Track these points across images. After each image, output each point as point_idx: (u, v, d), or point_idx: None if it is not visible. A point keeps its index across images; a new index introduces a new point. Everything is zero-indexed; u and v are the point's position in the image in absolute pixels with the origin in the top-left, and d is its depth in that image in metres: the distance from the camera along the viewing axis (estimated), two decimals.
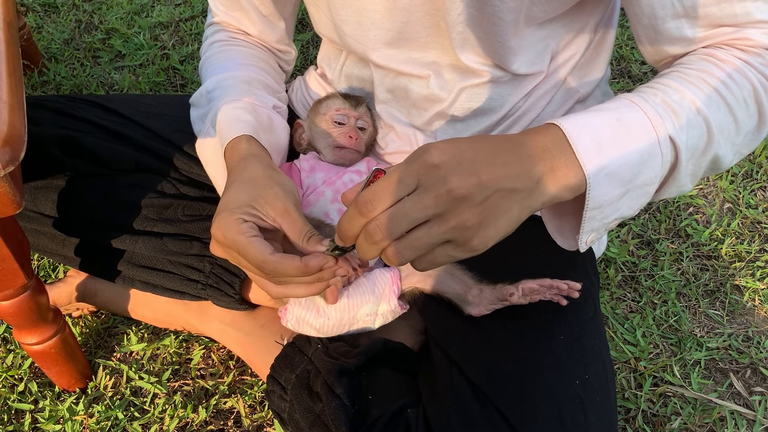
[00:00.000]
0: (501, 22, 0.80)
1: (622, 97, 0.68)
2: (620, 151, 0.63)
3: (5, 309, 0.91)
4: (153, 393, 1.09)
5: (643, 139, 0.64)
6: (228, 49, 0.99)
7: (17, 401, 1.08)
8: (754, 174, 1.51)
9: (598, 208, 0.64)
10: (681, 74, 0.70)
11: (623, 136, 0.63)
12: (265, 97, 0.93)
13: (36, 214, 1.00)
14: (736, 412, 1.10)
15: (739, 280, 1.29)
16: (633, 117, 0.64)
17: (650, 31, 0.75)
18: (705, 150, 0.68)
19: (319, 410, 0.83)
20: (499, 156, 0.60)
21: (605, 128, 0.63)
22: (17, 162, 0.70)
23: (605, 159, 0.62)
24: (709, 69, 0.70)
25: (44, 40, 1.82)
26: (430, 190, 0.57)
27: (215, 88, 0.92)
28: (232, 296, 0.99)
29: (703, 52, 0.73)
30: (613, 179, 0.63)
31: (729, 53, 0.71)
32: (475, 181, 0.58)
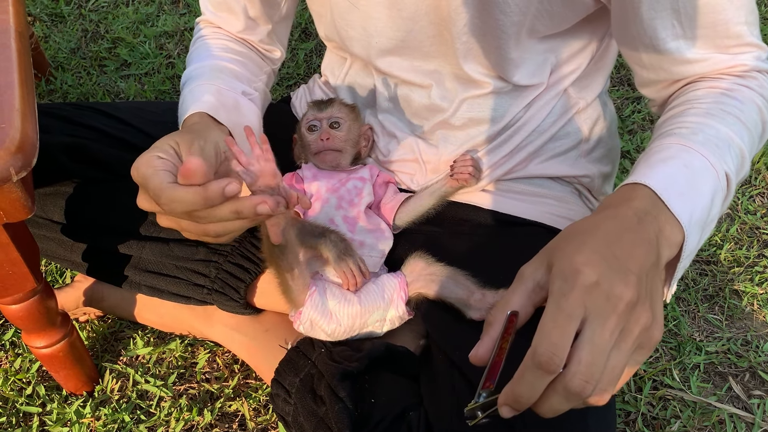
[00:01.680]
0: (503, 35, 0.82)
1: (666, 142, 0.70)
2: (697, 196, 0.65)
3: (15, 312, 0.93)
4: (159, 396, 1.11)
5: (709, 179, 0.67)
6: (206, 43, 1.01)
7: (25, 404, 1.10)
8: (752, 180, 1.52)
9: (689, 256, 0.66)
10: (702, 110, 0.74)
11: (694, 180, 0.66)
12: (233, 83, 0.93)
13: (44, 220, 1.02)
14: (735, 416, 1.11)
15: (738, 285, 1.31)
16: (694, 160, 0.67)
17: (652, 51, 0.78)
18: (739, 174, 0.73)
19: (322, 413, 0.84)
20: (625, 239, 0.58)
21: (680, 177, 0.65)
22: (29, 168, 0.72)
23: (690, 207, 0.64)
24: (723, 100, 0.74)
25: (51, 49, 1.84)
26: (608, 312, 0.53)
27: (188, 79, 0.93)
28: (237, 301, 1.01)
29: (707, 86, 0.77)
30: (698, 225, 0.65)
31: (731, 82, 0.76)
32: (634, 280, 0.55)
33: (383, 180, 1.00)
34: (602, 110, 0.98)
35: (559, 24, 0.83)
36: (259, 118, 0.95)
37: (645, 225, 0.60)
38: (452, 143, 0.96)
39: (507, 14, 0.79)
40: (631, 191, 0.64)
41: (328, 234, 0.90)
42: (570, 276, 0.54)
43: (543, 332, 0.54)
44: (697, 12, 0.74)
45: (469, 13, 0.81)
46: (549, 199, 0.98)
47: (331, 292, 0.91)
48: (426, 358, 0.92)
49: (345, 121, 0.99)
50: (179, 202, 0.63)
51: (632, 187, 0.64)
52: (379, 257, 0.95)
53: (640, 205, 0.62)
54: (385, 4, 0.85)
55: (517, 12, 0.79)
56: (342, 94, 1.06)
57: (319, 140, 0.98)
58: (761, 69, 0.78)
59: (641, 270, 0.56)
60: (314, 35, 1.91)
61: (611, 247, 0.56)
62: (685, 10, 0.74)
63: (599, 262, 0.54)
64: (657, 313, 0.57)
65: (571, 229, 0.61)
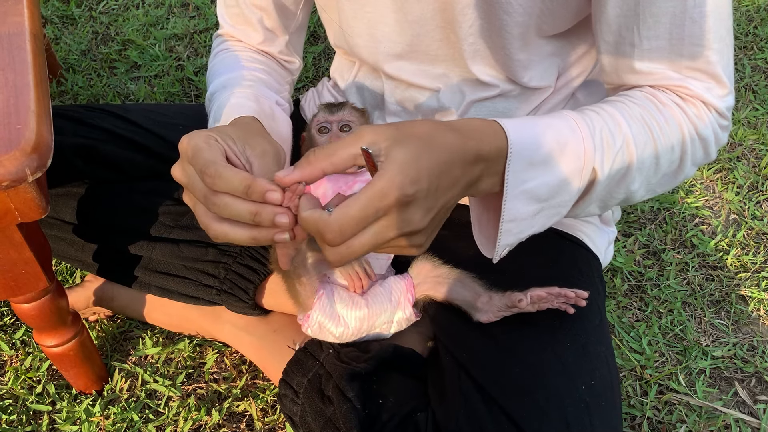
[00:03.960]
0: (508, 35, 0.82)
1: (567, 112, 0.71)
2: (545, 172, 0.66)
3: (27, 311, 0.94)
4: (167, 396, 1.12)
5: (571, 164, 0.67)
6: (231, 55, 1.01)
7: (35, 402, 1.11)
8: (759, 186, 1.52)
9: (513, 221, 0.67)
10: (625, 106, 0.73)
11: (555, 158, 0.66)
12: (266, 92, 0.94)
13: (56, 220, 1.03)
14: (741, 421, 1.11)
15: (744, 291, 1.31)
16: (571, 141, 0.67)
17: (612, 53, 0.77)
18: (619, 182, 0.72)
19: (330, 413, 0.85)
20: (453, 172, 0.61)
21: (544, 147, 0.66)
22: (44, 169, 0.73)
23: (532, 178, 0.65)
24: (650, 109, 0.73)
25: (62, 51, 1.85)
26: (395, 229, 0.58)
27: (219, 88, 0.93)
28: (246, 302, 1.02)
29: (648, 91, 0.76)
30: (530, 196, 0.66)
31: (669, 98, 0.75)
32: (433, 214, 0.60)
33: None
34: None
35: (561, 23, 0.84)
36: (291, 128, 0.95)
37: (476, 166, 0.63)
38: None
39: (511, 15, 0.80)
40: (493, 132, 0.65)
41: None
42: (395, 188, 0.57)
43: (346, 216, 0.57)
44: (658, 21, 0.71)
45: (474, 14, 0.81)
46: None
47: (339, 295, 0.92)
48: (433, 360, 0.93)
49: (355, 125, 1.00)
50: (223, 180, 0.61)
51: (499, 130, 0.65)
52: (385, 259, 0.96)
53: (486, 149, 0.63)
54: (392, 8, 0.86)
55: (521, 12, 0.80)
56: (351, 97, 1.06)
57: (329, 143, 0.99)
58: (707, 101, 0.74)
59: (443, 208, 0.61)
60: (322, 39, 1.92)
61: (441, 177, 0.59)
62: (645, 17, 0.71)
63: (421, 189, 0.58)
64: (429, 241, 0.63)
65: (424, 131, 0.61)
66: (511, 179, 0.65)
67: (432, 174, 0.59)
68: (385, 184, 0.57)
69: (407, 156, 0.58)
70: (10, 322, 1.23)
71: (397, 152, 0.58)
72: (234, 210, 0.62)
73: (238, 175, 0.61)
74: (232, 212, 0.62)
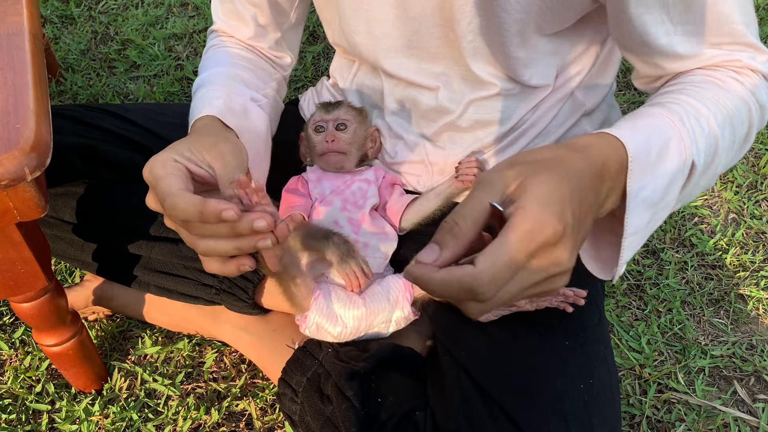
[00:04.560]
0: (506, 33, 0.82)
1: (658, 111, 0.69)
2: (657, 175, 0.64)
3: (26, 311, 0.94)
4: (167, 395, 1.12)
5: (675, 162, 0.65)
6: (219, 51, 1.02)
7: (35, 402, 1.11)
8: (758, 185, 1.52)
9: (635, 234, 0.65)
10: (695, 92, 0.73)
11: (663, 159, 0.65)
12: (242, 89, 0.94)
13: (55, 219, 1.03)
14: (740, 419, 1.11)
15: (744, 290, 1.31)
16: (672, 138, 0.66)
17: (644, 47, 0.77)
18: (708, 167, 0.71)
19: (329, 412, 0.85)
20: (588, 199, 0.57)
21: (653, 151, 0.64)
22: (43, 168, 0.73)
23: (646, 185, 0.63)
24: (715, 89, 0.73)
25: (61, 50, 1.85)
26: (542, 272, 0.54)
27: (200, 85, 0.94)
28: (245, 301, 1.02)
29: (702, 72, 0.76)
30: (646, 204, 0.64)
31: (725, 74, 0.75)
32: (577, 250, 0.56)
33: (389, 182, 1.01)
34: (609, 113, 0.99)
35: (561, 22, 0.84)
36: (267, 124, 0.95)
37: (603, 187, 0.60)
38: (459, 145, 0.97)
39: (509, 12, 0.80)
40: (609, 145, 0.62)
41: (330, 236, 0.91)
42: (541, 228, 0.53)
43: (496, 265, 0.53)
44: (688, 7, 0.72)
45: (472, 12, 0.81)
46: None
47: (336, 294, 0.92)
48: (432, 359, 0.93)
49: (351, 123, 1.00)
50: (178, 211, 0.63)
51: (613, 140, 0.63)
52: (383, 258, 0.96)
53: (613, 168, 0.61)
54: (393, 4, 0.86)
55: (519, 10, 0.80)
56: (350, 96, 1.07)
57: (324, 142, 0.99)
58: (756, 69, 0.76)
59: (583, 239, 0.57)
60: (322, 38, 1.92)
61: (581, 204, 0.56)
62: (674, 4, 0.72)
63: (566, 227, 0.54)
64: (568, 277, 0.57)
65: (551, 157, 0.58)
66: (632, 190, 0.62)
67: (573, 203, 0.55)
68: (531, 225, 0.53)
69: (547, 189, 0.54)
70: (10, 321, 1.23)
71: (534, 188, 0.54)
72: (210, 231, 0.63)
73: (189, 205, 0.62)
74: (210, 232, 0.63)
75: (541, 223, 0.53)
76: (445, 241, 0.56)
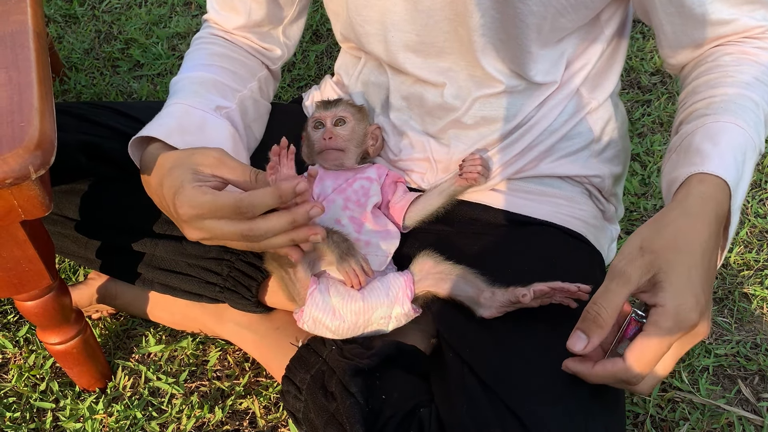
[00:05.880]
0: (522, 25, 0.83)
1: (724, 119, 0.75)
2: (745, 182, 0.73)
3: (30, 309, 0.94)
4: (170, 393, 1.12)
5: (753, 162, 0.74)
6: (201, 47, 1.03)
7: (39, 400, 1.11)
8: (762, 184, 1.52)
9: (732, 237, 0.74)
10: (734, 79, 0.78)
11: (746, 168, 0.73)
12: (208, 98, 0.95)
13: (60, 217, 1.03)
14: (744, 418, 1.11)
15: (748, 289, 1.31)
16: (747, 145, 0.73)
17: (676, 18, 0.82)
18: None
19: (333, 409, 0.85)
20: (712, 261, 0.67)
21: (739, 165, 0.72)
22: (48, 166, 0.73)
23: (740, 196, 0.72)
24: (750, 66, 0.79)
25: (65, 49, 1.86)
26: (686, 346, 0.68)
27: (171, 88, 0.97)
28: (248, 299, 1.02)
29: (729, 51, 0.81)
30: (739, 208, 0.73)
31: (752, 45, 0.80)
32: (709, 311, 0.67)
33: (392, 179, 1.01)
34: (614, 111, 0.99)
35: (584, 15, 0.86)
36: (228, 133, 0.95)
37: (720, 232, 0.69)
38: (464, 142, 0.97)
39: (526, 3, 0.80)
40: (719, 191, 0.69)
41: (330, 235, 0.91)
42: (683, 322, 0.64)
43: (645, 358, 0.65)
44: None
45: (487, 4, 0.81)
46: (559, 199, 0.98)
47: (335, 289, 0.92)
48: (437, 357, 0.93)
49: (350, 120, 1.00)
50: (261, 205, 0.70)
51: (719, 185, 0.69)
52: (385, 256, 0.96)
53: (724, 209, 0.70)
54: None
55: (536, 2, 0.80)
56: (355, 93, 1.07)
57: (322, 139, 0.99)
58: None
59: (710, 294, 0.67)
60: (325, 37, 1.92)
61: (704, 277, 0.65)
62: None
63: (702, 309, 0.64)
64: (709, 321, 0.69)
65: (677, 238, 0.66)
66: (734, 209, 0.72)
67: (704, 279, 0.65)
68: (672, 324, 0.64)
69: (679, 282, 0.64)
70: (14, 319, 1.23)
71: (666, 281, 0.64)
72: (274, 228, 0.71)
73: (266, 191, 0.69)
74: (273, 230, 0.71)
75: (680, 320, 0.63)
76: (592, 330, 0.68)
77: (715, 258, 0.69)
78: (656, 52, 1.85)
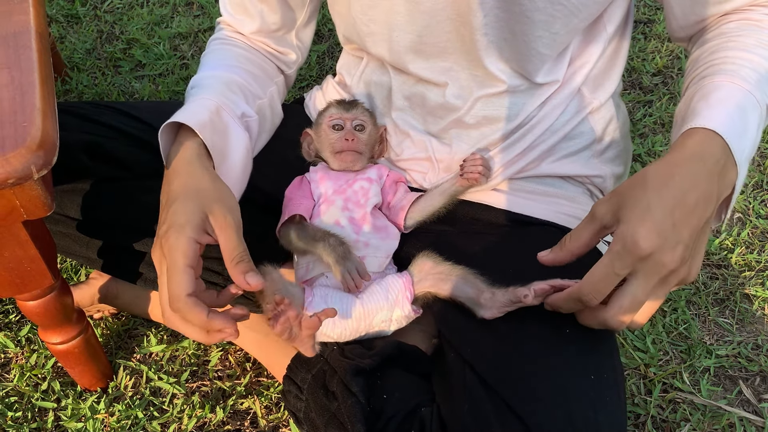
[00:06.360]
0: (528, 21, 0.83)
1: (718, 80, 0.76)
2: (749, 134, 0.73)
3: (32, 308, 0.94)
4: (172, 393, 1.12)
5: (755, 115, 0.75)
6: (222, 48, 1.02)
7: (41, 399, 1.11)
8: (764, 184, 1.52)
9: (739, 187, 0.74)
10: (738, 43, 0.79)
11: (746, 120, 0.73)
12: (236, 103, 0.94)
13: (61, 216, 1.03)
14: (745, 419, 1.11)
15: (749, 289, 1.31)
16: (744, 98, 0.74)
17: None
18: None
19: (335, 409, 0.85)
20: (688, 201, 0.67)
21: (736, 118, 0.72)
22: (50, 166, 0.73)
23: (744, 146, 0.72)
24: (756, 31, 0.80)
25: (67, 49, 1.86)
26: (654, 276, 0.67)
27: (196, 85, 0.95)
28: (249, 299, 1.02)
29: (737, 18, 0.82)
30: (747, 160, 0.74)
31: (760, 12, 0.82)
32: (682, 247, 0.67)
33: (393, 179, 1.01)
34: (615, 111, 0.99)
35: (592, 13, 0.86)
36: (245, 149, 0.94)
37: (713, 178, 0.69)
38: (465, 142, 0.97)
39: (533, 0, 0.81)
40: (712, 138, 0.70)
41: (327, 238, 0.91)
42: (630, 246, 0.66)
43: (592, 277, 0.69)
44: None
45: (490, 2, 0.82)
46: (561, 199, 0.98)
47: (333, 296, 0.91)
48: (438, 357, 0.93)
49: (367, 124, 1.00)
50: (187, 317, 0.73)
51: (706, 134, 0.70)
52: (384, 257, 0.96)
53: (715, 155, 0.70)
54: None
55: None
56: (357, 92, 1.07)
57: (344, 140, 0.99)
58: None
59: (692, 236, 0.67)
60: (326, 37, 1.93)
61: (673, 213, 0.66)
62: None
63: (657, 238, 0.65)
64: (696, 263, 0.70)
65: (646, 178, 0.68)
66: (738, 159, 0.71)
67: (663, 218, 0.66)
68: (619, 249, 0.67)
69: (633, 215, 0.67)
70: (16, 319, 1.24)
71: (625, 213, 0.67)
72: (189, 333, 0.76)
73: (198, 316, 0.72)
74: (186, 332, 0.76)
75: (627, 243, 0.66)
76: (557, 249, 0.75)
77: (703, 203, 0.68)
78: (658, 53, 1.85)
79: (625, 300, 0.69)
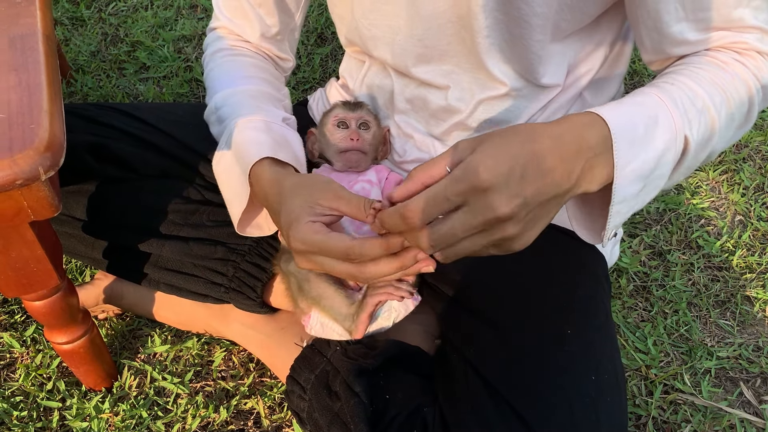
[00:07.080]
0: (527, 25, 0.83)
1: (647, 90, 0.73)
2: (647, 148, 0.67)
3: (38, 308, 0.95)
4: (176, 393, 1.13)
5: (665, 137, 0.69)
6: (232, 60, 1.01)
7: (46, 399, 1.12)
8: (765, 187, 1.53)
9: (623, 202, 0.68)
10: (693, 73, 0.75)
11: (651, 134, 0.68)
12: (273, 111, 0.94)
13: (67, 217, 1.04)
14: (746, 421, 1.11)
15: (750, 291, 1.31)
16: (660, 115, 0.69)
17: (654, 33, 0.80)
18: (705, 145, 0.74)
19: (338, 409, 0.85)
20: (545, 162, 0.63)
21: (641, 126, 0.67)
22: (57, 167, 0.74)
23: (635, 157, 0.67)
24: (716, 71, 0.75)
25: (72, 52, 1.87)
26: (479, 215, 0.61)
27: (223, 105, 0.94)
28: (253, 299, 1.03)
29: (706, 54, 0.79)
30: (637, 175, 0.67)
31: (728, 56, 0.77)
32: (520, 202, 0.61)
33: (393, 181, 1.02)
34: None
35: (581, 19, 0.85)
36: (301, 144, 0.94)
37: (578, 154, 0.64)
38: None
39: (529, 4, 0.81)
40: (595, 122, 0.66)
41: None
42: (470, 171, 0.61)
43: (424, 199, 0.63)
44: None
45: (491, 6, 0.82)
46: None
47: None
48: (441, 357, 0.93)
49: (372, 125, 1.01)
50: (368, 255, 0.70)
51: (598, 120, 0.66)
52: None
53: (592, 139, 0.65)
54: (405, 2, 0.87)
55: (540, 3, 0.81)
56: (360, 95, 1.07)
57: (349, 139, 0.99)
58: (761, 51, 0.78)
59: (537, 197, 0.62)
60: (329, 40, 1.94)
61: (526, 166, 0.62)
62: None
63: (499, 175, 0.60)
64: (528, 233, 0.65)
65: (517, 129, 0.65)
66: (618, 162, 0.66)
67: (515, 161, 0.61)
68: (459, 173, 0.61)
69: (487, 148, 0.62)
70: (21, 319, 1.24)
71: (480, 147, 0.63)
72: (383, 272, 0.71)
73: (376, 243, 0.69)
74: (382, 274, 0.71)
75: (467, 171, 0.61)
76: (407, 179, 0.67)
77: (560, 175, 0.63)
78: None
79: (443, 226, 0.63)
